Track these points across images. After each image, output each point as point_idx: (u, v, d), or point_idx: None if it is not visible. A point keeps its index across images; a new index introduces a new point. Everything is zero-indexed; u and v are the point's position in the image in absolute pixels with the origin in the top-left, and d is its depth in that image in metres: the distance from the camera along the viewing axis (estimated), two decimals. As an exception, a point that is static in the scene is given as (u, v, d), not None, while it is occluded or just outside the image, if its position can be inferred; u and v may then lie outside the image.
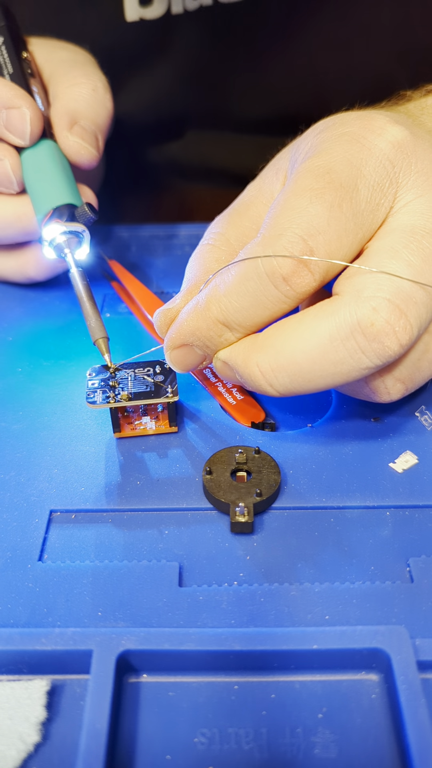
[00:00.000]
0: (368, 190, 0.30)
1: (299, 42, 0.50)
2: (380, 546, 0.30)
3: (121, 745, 0.24)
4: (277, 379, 0.30)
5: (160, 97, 0.54)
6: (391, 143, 0.31)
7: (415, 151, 0.31)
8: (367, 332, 0.28)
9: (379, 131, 0.31)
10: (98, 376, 0.34)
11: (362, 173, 0.30)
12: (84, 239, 0.38)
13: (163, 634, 0.26)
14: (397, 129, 0.31)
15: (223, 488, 0.31)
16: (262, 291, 0.30)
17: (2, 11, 0.43)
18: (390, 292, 0.28)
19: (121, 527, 0.31)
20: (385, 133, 0.31)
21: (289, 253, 0.29)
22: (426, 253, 0.29)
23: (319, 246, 0.29)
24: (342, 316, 0.28)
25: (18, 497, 0.32)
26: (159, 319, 0.33)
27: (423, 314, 0.29)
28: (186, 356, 0.32)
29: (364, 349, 0.28)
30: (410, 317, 0.28)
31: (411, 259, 0.29)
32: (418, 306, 0.28)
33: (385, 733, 0.24)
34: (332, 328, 0.28)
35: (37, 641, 0.25)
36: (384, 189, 0.30)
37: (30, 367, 0.39)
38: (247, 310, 0.30)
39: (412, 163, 0.31)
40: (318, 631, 0.26)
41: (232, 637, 0.25)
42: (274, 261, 0.29)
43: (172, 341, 0.32)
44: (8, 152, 0.39)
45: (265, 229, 0.30)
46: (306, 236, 0.29)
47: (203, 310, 0.31)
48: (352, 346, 0.28)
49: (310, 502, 0.31)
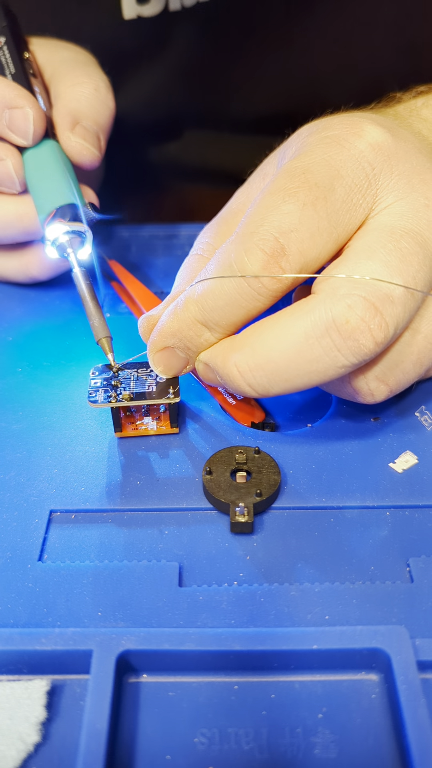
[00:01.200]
0: (345, 189, 0.30)
1: (298, 39, 0.50)
2: (380, 546, 0.30)
3: (121, 745, 0.24)
4: (255, 378, 0.30)
5: (158, 96, 0.54)
6: (371, 145, 0.31)
7: (396, 153, 0.31)
8: (342, 330, 0.28)
9: (359, 133, 0.32)
10: (101, 376, 0.34)
11: (339, 173, 0.30)
12: (86, 239, 0.38)
13: (163, 634, 0.26)
14: (378, 131, 0.32)
15: (223, 488, 0.31)
16: (236, 289, 0.30)
17: (4, 11, 0.43)
18: (365, 290, 0.28)
19: (121, 527, 0.31)
20: (365, 135, 0.31)
21: (260, 250, 0.29)
22: (403, 253, 0.29)
23: (291, 243, 0.29)
24: (317, 314, 0.29)
25: (18, 497, 0.32)
26: (142, 325, 0.34)
27: (400, 313, 0.29)
28: (169, 359, 0.33)
29: (339, 346, 0.28)
30: (386, 315, 0.28)
31: (388, 259, 0.29)
32: (394, 304, 0.29)
33: (385, 733, 0.24)
34: (307, 326, 0.29)
35: (37, 641, 0.25)
36: (362, 190, 0.30)
37: (30, 367, 0.39)
38: (222, 309, 0.30)
39: (393, 166, 0.31)
40: (318, 631, 0.26)
41: (232, 637, 0.25)
42: (245, 258, 0.29)
43: (154, 344, 0.33)
44: (10, 152, 0.39)
45: (240, 227, 0.31)
46: (278, 234, 0.29)
47: (182, 311, 0.31)
48: (327, 343, 0.28)
49: (310, 502, 0.31)
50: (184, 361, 0.33)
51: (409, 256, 0.29)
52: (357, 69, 0.51)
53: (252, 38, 0.50)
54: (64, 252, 0.38)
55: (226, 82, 0.53)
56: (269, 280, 0.29)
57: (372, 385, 0.31)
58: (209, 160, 0.58)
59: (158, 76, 0.52)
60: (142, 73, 0.52)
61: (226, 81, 0.53)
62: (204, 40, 0.51)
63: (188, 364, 0.33)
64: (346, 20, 0.49)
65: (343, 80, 0.51)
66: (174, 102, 0.54)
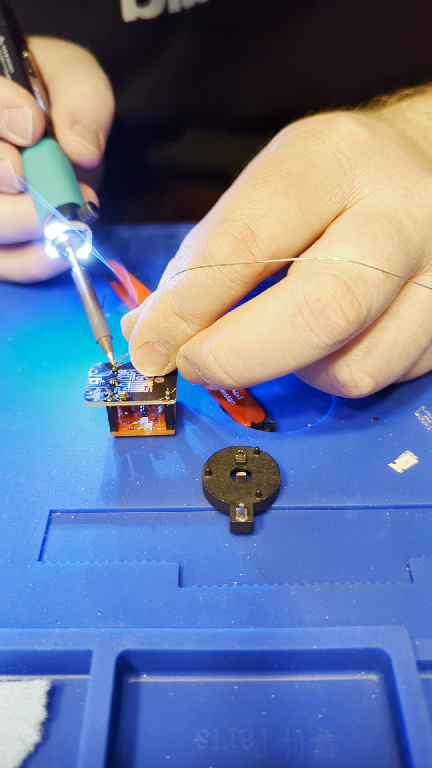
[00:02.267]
0: (318, 179, 0.30)
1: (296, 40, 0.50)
2: (380, 546, 0.30)
3: (121, 745, 0.24)
4: (230, 364, 0.30)
5: (158, 97, 0.54)
6: (346, 137, 0.32)
7: (372, 145, 0.32)
8: (313, 307, 0.28)
9: (335, 126, 0.32)
10: (100, 374, 0.34)
11: (313, 163, 0.31)
12: (86, 238, 0.38)
13: (163, 635, 0.26)
14: (353, 124, 0.32)
15: (223, 488, 0.31)
16: (209, 276, 0.30)
17: (3, 11, 0.43)
18: (336, 269, 0.28)
19: (120, 527, 0.31)
20: (340, 128, 0.32)
21: (230, 235, 0.30)
22: (377, 235, 0.29)
23: (261, 229, 0.30)
24: (288, 294, 0.29)
25: (18, 497, 0.32)
26: (123, 323, 0.35)
27: (374, 294, 0.29)
28: (149, 355, 0.33)
29: (311, 325, 0.28)
30: (358, 294, 0.28)
31: (361, 241, 0.29)
32: (367, 285, 0.29)
33: (385, 733, 0.24)
34: (279, 306, 0.29)
35: (36, 641, 0.25)
36: (337, 179, 0.31)
37: (30, 367, 0.39)
38: (196, 297, 0.31)
39: (370, 157, 0.31)
40: (318, 631, 0.26)
41: (232, 638, 0.25)
42: (215, 244, 0.30)
43: (134, 340, 0.33)
44: (10, 152, 0.39)
45: (213, 216, 0.31)
46: (248, 220, 0.30)
47: (158, 303, 0.32)
48: (299, 322, 0.28)
49: (310, 503, 0.31)
50: (165, 357, 0.33)
51: (383, 239, 0.29)
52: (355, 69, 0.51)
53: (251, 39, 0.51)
54: (64, 251, 0.38)
55: (225, 83, 0.53)
56: (241, 266, 0.29)
57: (356, 375, 0.31)
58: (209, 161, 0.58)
59: (158, 78, 0.52)
60: (142, 75, 0.52)
61: (225, 82, 0.53)
62: (203, 42, 0.51)
63: (169, 361, 0.33)
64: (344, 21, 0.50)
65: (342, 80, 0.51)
66: (174, 103, 0.54)
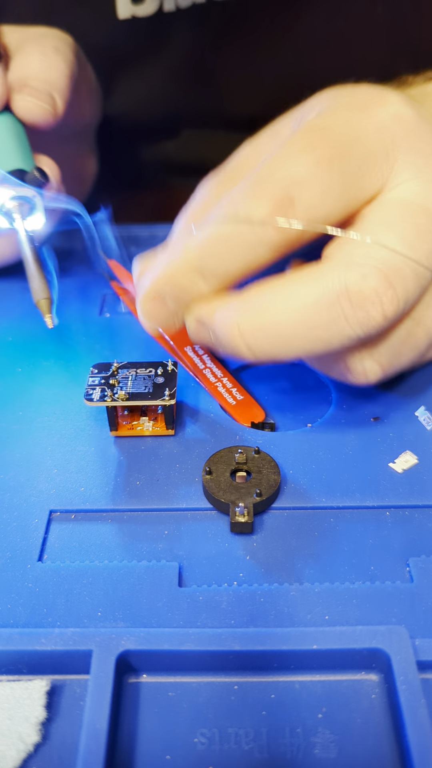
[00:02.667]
0: (363, 153, 0.29)
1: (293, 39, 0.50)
2: (380, 546, 0.30)
3: (121, 745, 0.24)
4: (256, 341, 0.29)
5: (154, 96, 0.54)
6: (393, 116, 0.31)
7: (418, 130, 0.31)
8: (354, 299, 0.28)
9: (384, 103, 0.31)
10: (100, 374, 0.34)
11: (359, 136, 0.30)
12: (36, 206, 0.37)
13: (163, 635, 0.26)
14: (402, 104, 0.31)
15: (223, 488, 0.31)
16: (238, 235, 0.29)
17: None
18: (381, 262, 0.28)
19: (120, 527, 0.31)
20: (389, 106, 0.31)
21: (268, 197, 0.28)
22: (419, 230, 0.29)
23: (301, 195, 0.28)
24: (330, 280, 0.28)
25: (18, 497, 0.32)
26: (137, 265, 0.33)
27: (410, 289, 0.28)
28: (158, 310, 0.32)
29: (348, 315, 0.28)
30: (398, 290, 0.28)
31: (404, 234, 0.28)
32: (405, 280, 0.28)
33: (385, 733, 0.24)
34: (319, 291, 0.28)
35: (36, 641, 0.25)
36: (379, 159, 0.30)
37: (30, 367, 0.39)
38: (221, 255, 0.29)
39: (413, 142, 0.30)
40: (318, 631, 0.26)
41: (232, 637, 0.25)
42: (252, 204, 0.29)
43: (148, 291, 0.31)
44: None
45: (251, 176, 0.30)
46: (288, 185, 0.28)
47: (179, 255, 0.30)
48: (336, 311, 0.28)
49: (310, 502, 0.31)
50: (172, 315, 0.32)
51: (425, 233, 0.29)
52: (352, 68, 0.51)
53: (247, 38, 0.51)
54: (11, 218, 0.37)
55: (222, 81, 0.53)
56: (274, 230, 0.28)
57: (367, 364, 0.31)
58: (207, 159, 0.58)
59: (154, 76, 0.52)
60: (138, 73, 0.52)
61: (222, 80, 0.53)
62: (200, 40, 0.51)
63: (176, 320, 0.32)
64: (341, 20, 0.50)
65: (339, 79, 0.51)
66: (170, 101, 0.54)
